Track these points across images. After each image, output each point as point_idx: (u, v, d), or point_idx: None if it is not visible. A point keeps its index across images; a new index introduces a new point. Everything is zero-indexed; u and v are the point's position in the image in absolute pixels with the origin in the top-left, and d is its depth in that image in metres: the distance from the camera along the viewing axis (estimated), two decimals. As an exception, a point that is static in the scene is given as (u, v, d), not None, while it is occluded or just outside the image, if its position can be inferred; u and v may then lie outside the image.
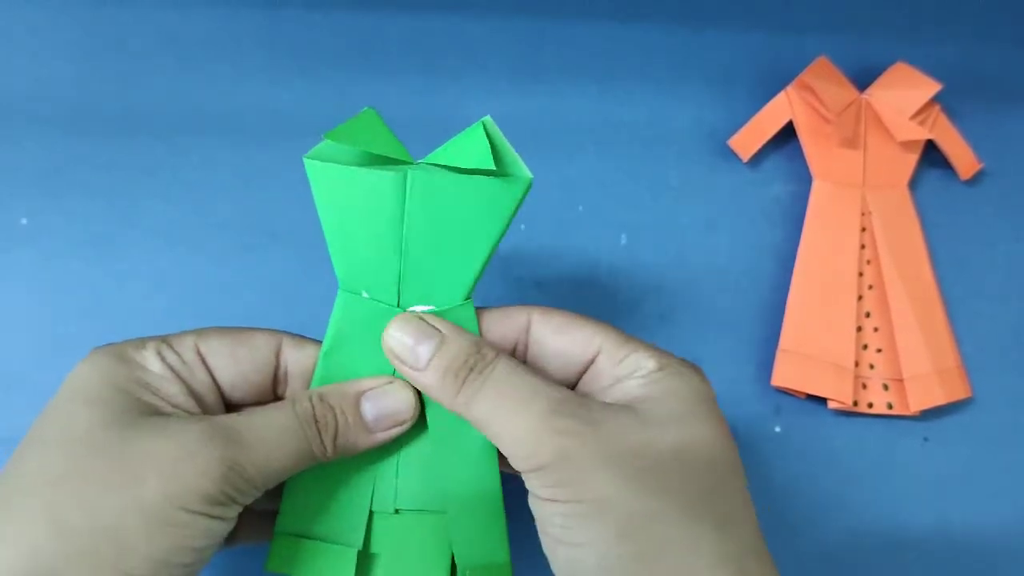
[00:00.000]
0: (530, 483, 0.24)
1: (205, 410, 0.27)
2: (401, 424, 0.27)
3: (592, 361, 0.27)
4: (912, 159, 0.41)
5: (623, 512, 0.23)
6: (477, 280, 0.27)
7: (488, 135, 0.26)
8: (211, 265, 0.38)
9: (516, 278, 0.39)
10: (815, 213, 0.40)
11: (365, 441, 0.27)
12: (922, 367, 0.38)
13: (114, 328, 0.37)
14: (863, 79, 0.43)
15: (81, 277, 0.37)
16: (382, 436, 0.27)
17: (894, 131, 0.41)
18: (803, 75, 0.42)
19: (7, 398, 0.36)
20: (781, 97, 0.42)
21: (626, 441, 0.24)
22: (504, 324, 0.27)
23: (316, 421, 0.26)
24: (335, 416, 0.26)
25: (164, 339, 0.26)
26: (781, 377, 0.38)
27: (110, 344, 0.26)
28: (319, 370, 0.28)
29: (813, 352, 0.38)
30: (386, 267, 0.27)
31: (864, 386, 0.38)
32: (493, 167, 0.25)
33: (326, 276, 0.38)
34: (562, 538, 0.24)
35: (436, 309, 0.27)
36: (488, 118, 0.26)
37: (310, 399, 0.26)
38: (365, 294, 0.27)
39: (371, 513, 0.28)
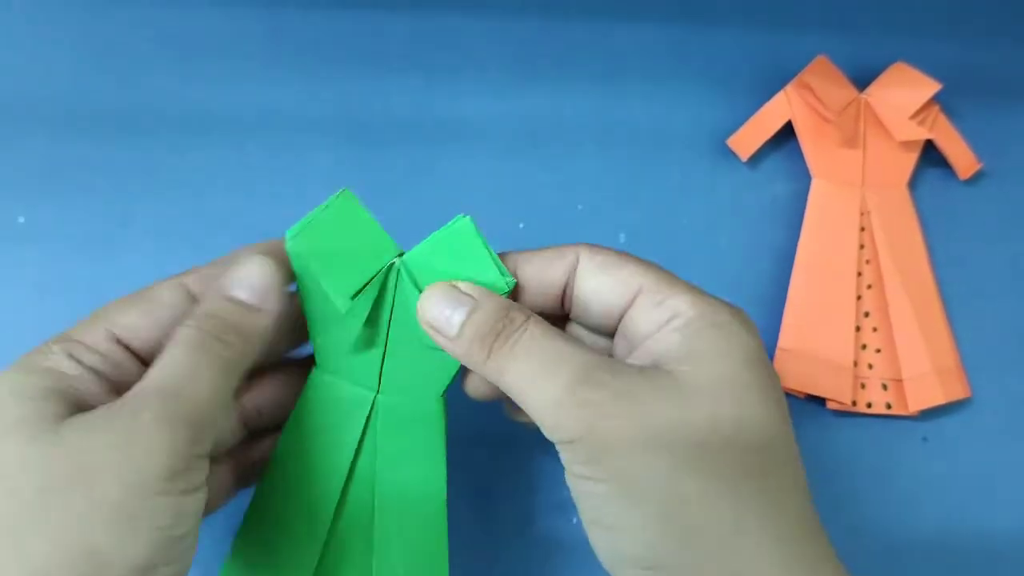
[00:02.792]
0: (562, 457, 0.23)
1: None
2: (279, 288, 0.25)
3: (631, 304, 0.25)
4: (911, 159, 0.41)
5: (660, 494, 0.21)
6: (452, 381, 0.27)
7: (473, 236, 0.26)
8: (211, 265, 0.38)
9: (515, 278, 0.39)
10: (814, 212, 0.40)
11: (263, 320, 0.25)
12: (921, 367, 0.38)
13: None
14: (862, 78, 0.43)
15: (79, 276, 0.37)
16: (272, 308, 0.25)
17: (893, 131, 0.41)
18: (802, 74, 0.42)
19: (7, 397, 0.36)
20: (780, 96, 0.42)
21: (660, 415, 0.21)
22: (552, 266, 0.26)
23: (213, 334, 0.24)
24: (223, 318, 0.24)
25: (69, 337, 0.24)
26: (780, 377, 0.38)
27: (14, 364, 0.24)
28: (280, 446, 0.27)
29: (812, 352, 0.38)
30: (369, 357, 0.26)
31: (863, 386, 0.38)
32: (504, 286, 0.25)
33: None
34: (597, 519, 0.22)
35: (411, 403, 0.27)
36: (470, 219, 0.26)
37: (192, 318, 0.24)
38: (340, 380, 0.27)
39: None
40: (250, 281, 0.25)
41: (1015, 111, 0.44)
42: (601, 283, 0.25)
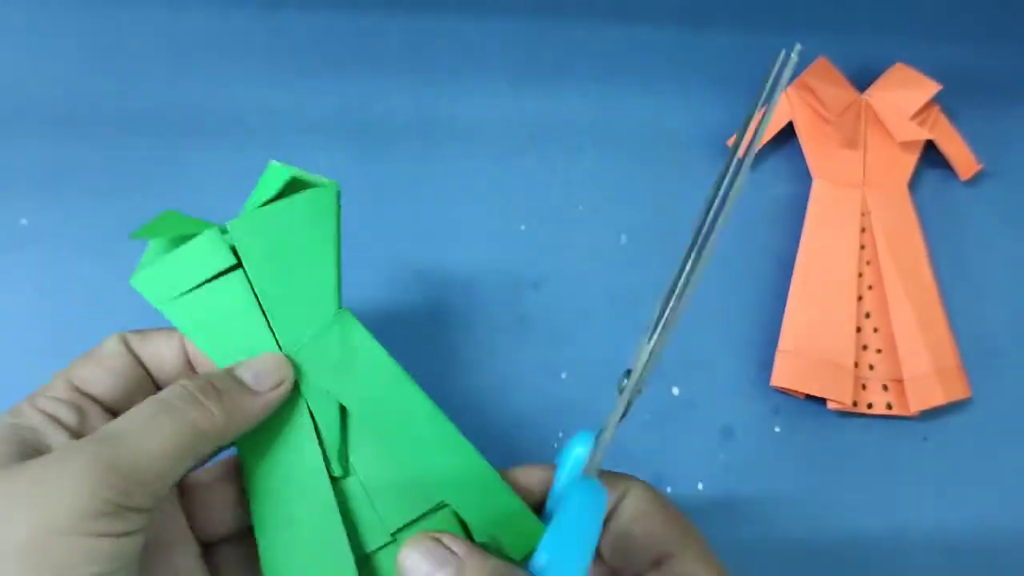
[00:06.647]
0: None
1: None
2: (283, 381, 0.26)
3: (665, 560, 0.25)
4: (912, 159, 0.41)
5: None
6: (339, 289, 0.27)
7: (281, 172, 0.27)
8: (211, 265, 0.38)
9: (516, 277, 0.39)
10: (815, 213, 0.40)
11: (254, 405, 0.25)
12: (921, 367, 0.38)
13: (114, 328, 0.37)
14: (863, 79, 0.43)
15: (81, 277, 0.37)
16: (271, 396, 0.25)
17: (894, 131, 0.41)
18: (803, 75, 0.42)
19: (7, 398, 0.36)
20: (781, 97, 0.42)
21: None
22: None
23: (190, 391, 0.24)
24: (212, 383, 0.24)
25: (38, 394, 0.25)
26: (780, 377, 0.38)
27: None
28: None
29: (812, 352, 0.38)
30: (254, 328, 0.27)
31: (864, 386, 0.38)
32: (289, 176, 0.26)
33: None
34: None
35: (311, 333, 0.27)
36: (272, 162, 0.28)
37: (181, 380, 0.25)
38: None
39: (366, 555, 0.27)
40: (260, 367, 0.26)
41: (1015, 112, 0.44)
42: (652, 527, 0.26)
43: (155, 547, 0.25)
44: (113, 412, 0.25)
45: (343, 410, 0.27)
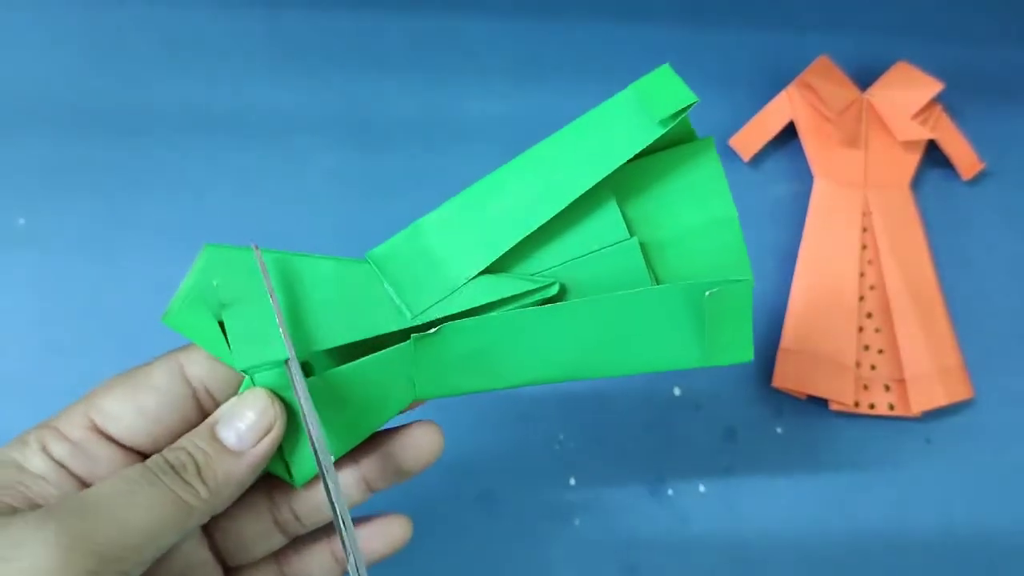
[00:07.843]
0: None
1: None
2: (270, 430, 0.23)
3: None
4: (914, 159, 0.41)
5: None
6: None
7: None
8: (210, 265, 0.38)
9: (516, 278, 0.39)
10: (816, 213, 0.40)
11: (239, 467, 0.23)
12: (923, 368, 0.38)
13: (113, 328, 0.37)
14: (864, 78, 0.42)
15: (80, 277, 0.37)
16: (257, 452, 0.23)
17: (895, 131, 0.41)
18: (804, 74, 0.41)
19: (6, 399, 0.36)
20: (782, 96, 0.42)
21: None
22: None
23: (171, 466, 0.22)
24: (189, 453, 0.22)
25: (51, 424, 0.23)
26: (782, 378, 0.38)
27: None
28: None
29: (814, 352, 0.38)
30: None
31: (865, 387, 0.38)
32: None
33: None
34: None
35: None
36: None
37: (162, 451, 0.23)
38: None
39: None
40: (244, 423, 0.23)
41: (1017, 111, 0.44)
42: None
43: None
44: (130, 447, 0.23)
45: None
